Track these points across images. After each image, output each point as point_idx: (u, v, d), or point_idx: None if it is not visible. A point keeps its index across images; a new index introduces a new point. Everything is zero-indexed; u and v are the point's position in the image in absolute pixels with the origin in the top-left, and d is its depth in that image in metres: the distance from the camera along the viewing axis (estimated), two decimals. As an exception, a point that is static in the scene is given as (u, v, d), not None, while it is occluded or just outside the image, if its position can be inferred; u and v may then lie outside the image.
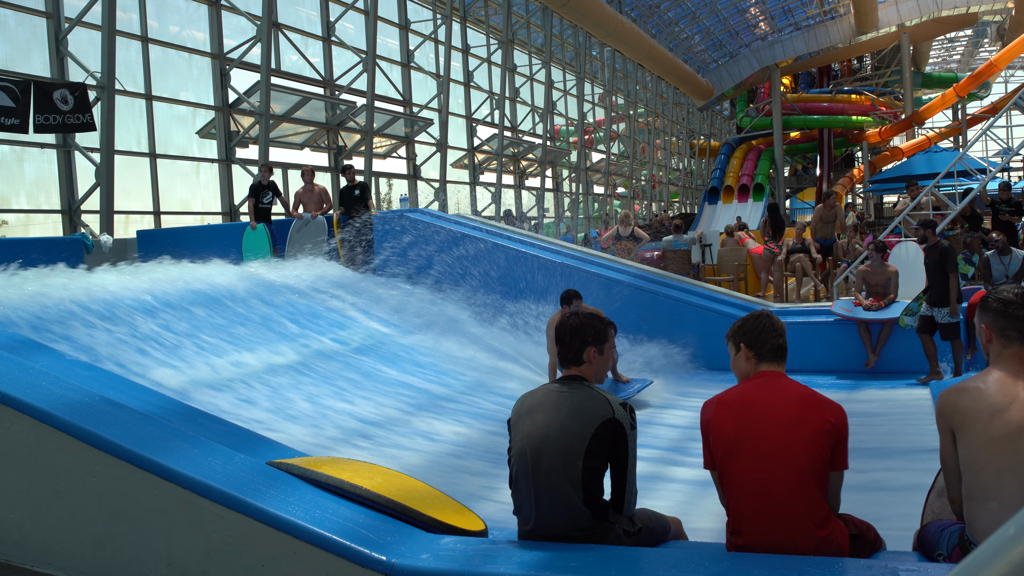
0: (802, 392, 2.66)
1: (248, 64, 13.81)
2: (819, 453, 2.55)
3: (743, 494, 2.60)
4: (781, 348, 2.77)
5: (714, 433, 2.67)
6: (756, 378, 2.73)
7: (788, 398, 2.63)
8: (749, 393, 2.69)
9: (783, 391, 2.66)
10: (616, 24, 22.71)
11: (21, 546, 3.25)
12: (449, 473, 5.09)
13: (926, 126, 35.50)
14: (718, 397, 2.75)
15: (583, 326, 2.91)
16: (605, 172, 28.42)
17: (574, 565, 2.52)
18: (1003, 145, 29.20)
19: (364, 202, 10.61)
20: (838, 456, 2.61)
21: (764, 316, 2.81)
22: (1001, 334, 2.48)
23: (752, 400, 2.66)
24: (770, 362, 2.75)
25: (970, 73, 32.65)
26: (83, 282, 6.63)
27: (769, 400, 2.64)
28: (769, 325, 2.77)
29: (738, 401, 2.68)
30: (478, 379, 7.62)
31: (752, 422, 2.61)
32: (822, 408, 2.61)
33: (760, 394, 2.66)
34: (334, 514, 2.85)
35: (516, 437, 2.85)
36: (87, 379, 3.82)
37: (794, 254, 12.43)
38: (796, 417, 2.58)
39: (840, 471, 2.64)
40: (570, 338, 2.90)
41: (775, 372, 2.74)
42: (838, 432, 2.59)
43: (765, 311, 2.87)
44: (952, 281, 7.47)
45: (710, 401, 2.76)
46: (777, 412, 2.60)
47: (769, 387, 2.68)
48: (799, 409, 2.59)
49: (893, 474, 4.91)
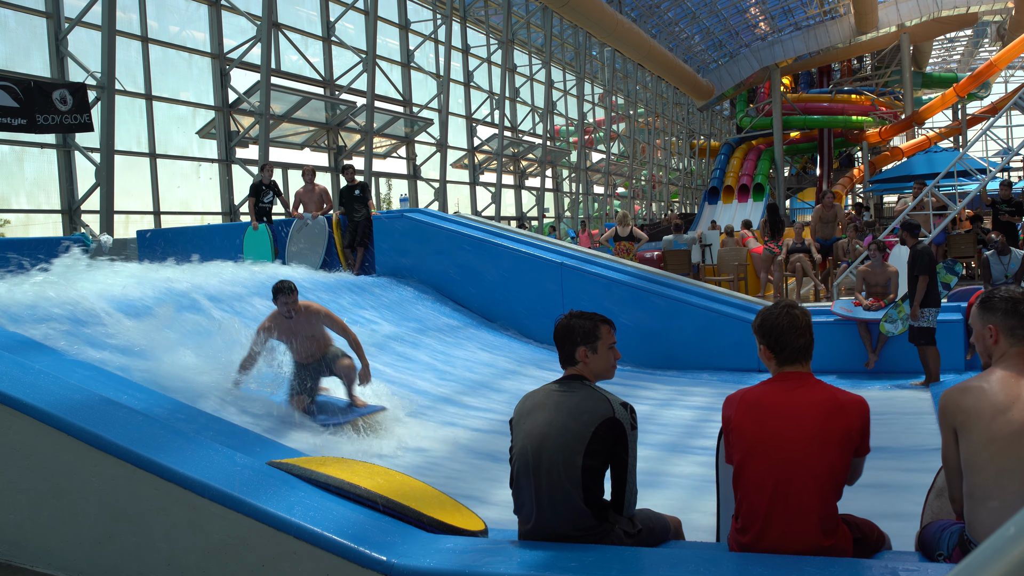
0: (826, 396, 2.55)
1: (248, 64, 13.81)
2: (841, 463, 2.50)
3: (757, 496, 2.55)
4: (804, 348, 2.61)
5: (735, 432, 2.61)
6: (779, 379, 2.62)
7: (811, 405, 2.53)
8: (771, 396, 2.59)
9: (807, 397, 2.55)
10: (616, 24, 22.72)
11: (21, 546, 3.25)
12: (449, 473, 5.09)
13: (926, 126, 35.49)
14: (740, 394, 2.66)
15: (571, 327, 2.90)
16: (605, 172, 28.42)
17: (574, 565, 2.51)
18: (1003, 145, 29.21)
19: (364, 202, 10.61)
20: (862, 446, 2.57)
21: (784, 314, 2.61)
22: (1010, 333, 2.47)
23: (774, 404, 2.57)
24: (793, 363, 2.60)
25: (970, 73, 32.64)
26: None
27: (791, 406, 2.54)
28: (789, 324, 2.59)
29: (760, 403, 2.59)
30: (479, 379, 7.63)
31: (773, 427, 2.54)
32: (845, 414, 2.52)
33: (782, 398, 2.57)
34: (334, 514, 2.85)
35: (517, 436, 2.85)
36: (87, 379, 3.83)
37: (794, 254, 12.43)
38: (819, 427, 2.49)
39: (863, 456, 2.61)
40: (560, 341, 2.91)
41: (799, 373, 2.61)
42: (863, 431, 2.54)
43: (787, 304, 2.66)
44: (919, 284, 7.19)
45: (732, 397, 2.68)
46: (799, 420, 2.51)
47: (792, 391, 2.57)
48: (823, 420, 2.50)
49: (893, 474, 4.90)
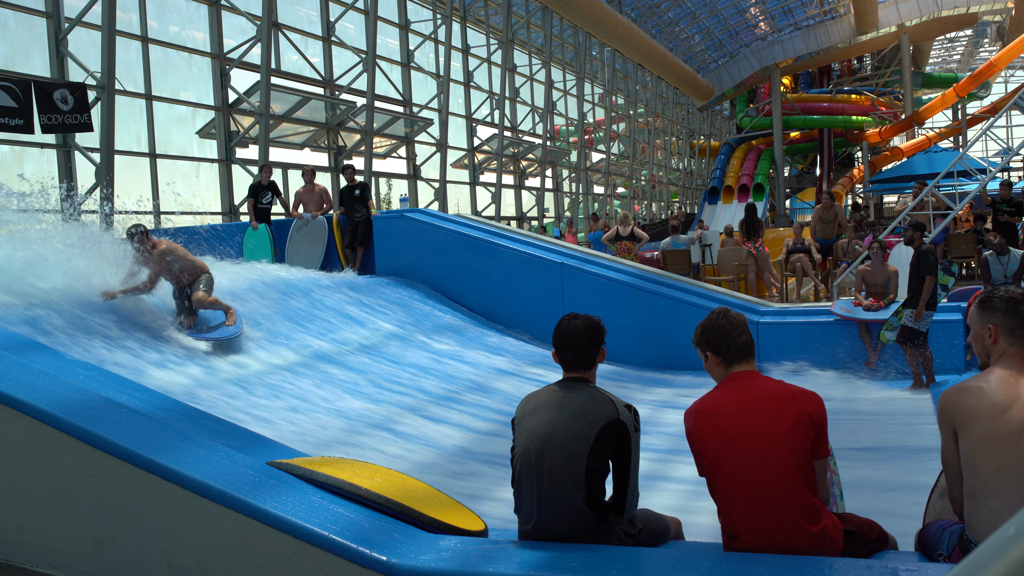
0: (776, 389, 2.64)
1: (248, 64, 13.80)
2: (801, 448, 2.54)
3: (733, 499, 2.59)
4: (746, 345, 2.70)
5: (697, 443, 2.66)
6: (729, 381, 2.70)
7: (763, 398, 2.61)
8: (724, 399, 2.66)
9: (757, 391, 2.63)
10: (616, 24, 22.71)
11: (21, 546, 3.25)
12: (449, 473, 5.09)
13: (926, 126, 35.49)
14: (695, 406, 2.71)
15: (593, 327, 2.83)
16: (605, 172, 28.41)
17: (574, 565, 2.52)
18: (1003, 145, 29.21)
19: (364, 202, 10.61)
20: (819, 445, 2.59)
21: (721, 316, 2.73)
22: (1009, 333, 2.48)
23: (727, 406, 2.63)
24: (739, 362, 2.70)
25: (970, 73, 32.65)
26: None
27: (744, 403, 2.62)
28: (728, 325, 2.70)
29: (714, 410, 2.65)
30: (479, 379, 7.62)
31: (731, 429, 2.59)
32: (797, 401, 2.59)
33: (735, 398, 2.64)
34: (334, 514, 2.85)
35: (520, 436, 2.84)
36: (87, 379, 3.82)
37: (794, 254, 12.42)
38: (773, 415, 2.56)
39: (823, 459, 2.63)
40: (582, 340, 2.81)
41: (747, 372, 2.70)
42: (816, 421, 2.58)
43: (721, 310, 2.78)
44: (925, 283, 7.14)
45: (689, 410, 2.72)
46: (754, 414, 2.59)
47: (742, 389, 2.65)
48: (775, 407, 2.58)
49: (893, 474, 4.90)
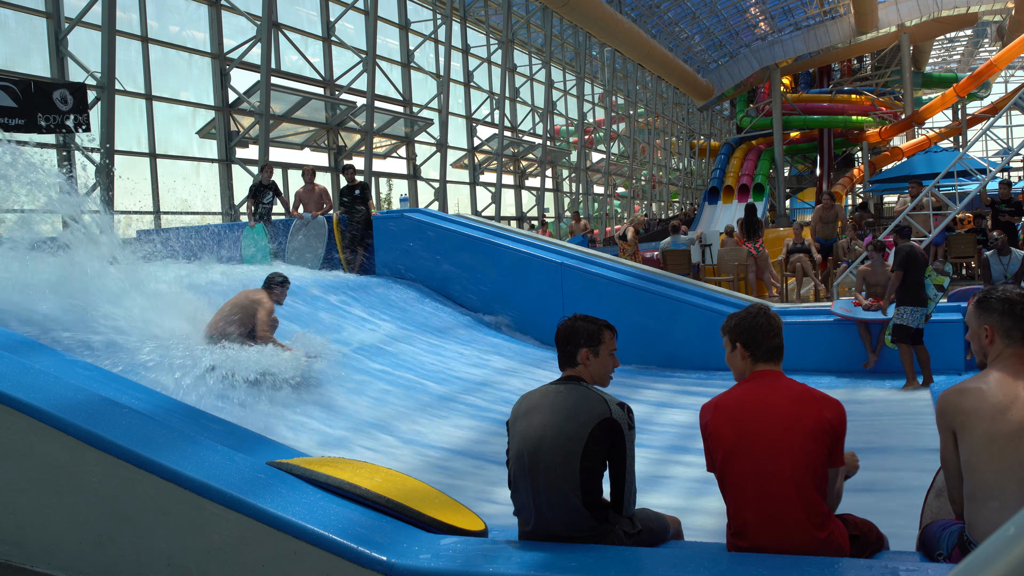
0: (799, 390, 2.61)
1: (248, 64, 13.81)
2: (817, 453, 2.51)
3: (743, 497, 2.57)
4: (778, 348, 2.69)
5: (712, 438, 2.63)
6: (753, 379, 2.67)
7: (785, 398, 2.58)
8: (746, 396, 2.63)
9: (781, 391, 2.61)
10: (616, 24, 22.71)
11: (21, 546, 3.25)
12: (449, 473, 5.09)
13: (926, 126, 35.47)
14: (715, 401, 2.69)
15: (576, 328, 2.90)
16: (605, 172, 28.42)
17: (574, 565, 2.51)
18: (1003, 145, 29.16)
19: (364, 202, 10.61)
20: (835, 453, 2.56)
21: (761, 314, 2.71)
22: (1006, 334, 2.46)
23: (749, 403, 2.61)
24: (767, 362, 2.68)
25: (970, 73, 32.63)
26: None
27: (766, 402, 2.59)
28: (766, 324, 2.68)
29: (735, 405, 2.63)
30: (479, 379, 7.62)
31: (749, 426, 2.56)
32: (819, 405, 2.56)
33: (757, 396, 2.61)
34: (334, 514, 2.85)
35: (514, 439, 2.84)
36: (87, 379, 3.82)
37: (794, 254, 12.41)
38: (793, 417, 2.53)
39: (837, 468, 2.60)
40: (563, 341, 2.90)
41: (772, 372, 2.67)
42: (835, 429, 2.54)
43: (762, 307, 2.76)
44: (892, 279, 7.52)
45: (707, 405, 2.70)
46: (774, 413, 2.55)
47: (766, 388, 2.62)
48: (796, 408, 2.55)
49: (893, 474, 4.90)
